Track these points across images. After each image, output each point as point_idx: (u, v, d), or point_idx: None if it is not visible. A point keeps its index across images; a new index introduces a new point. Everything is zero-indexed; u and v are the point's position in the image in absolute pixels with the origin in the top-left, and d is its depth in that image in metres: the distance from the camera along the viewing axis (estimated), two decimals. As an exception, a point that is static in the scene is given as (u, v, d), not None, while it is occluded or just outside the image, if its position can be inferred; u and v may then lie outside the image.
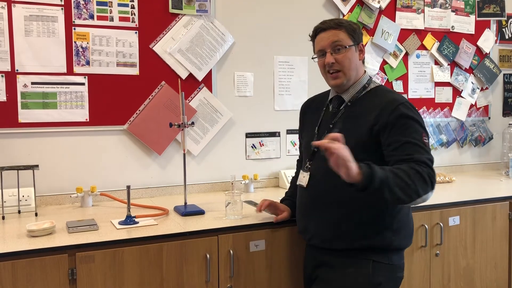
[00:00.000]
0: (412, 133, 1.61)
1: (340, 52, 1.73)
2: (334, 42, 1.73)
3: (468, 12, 3.43)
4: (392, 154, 1.61)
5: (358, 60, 1.77)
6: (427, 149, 1.61)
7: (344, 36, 1.73)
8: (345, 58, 1.73)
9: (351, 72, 1.75)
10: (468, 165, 3.50)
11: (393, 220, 1.69)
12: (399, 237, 1.71)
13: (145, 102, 2.52)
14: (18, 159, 2.28)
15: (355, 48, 1.75)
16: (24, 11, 2.27)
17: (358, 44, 1.76)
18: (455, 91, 3.43)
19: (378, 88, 1.79)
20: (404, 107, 1.65)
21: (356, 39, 1.76)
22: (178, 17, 2.59)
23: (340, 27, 1.74)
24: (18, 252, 1.61)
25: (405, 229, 1.75)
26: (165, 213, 2.11)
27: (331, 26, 1.75)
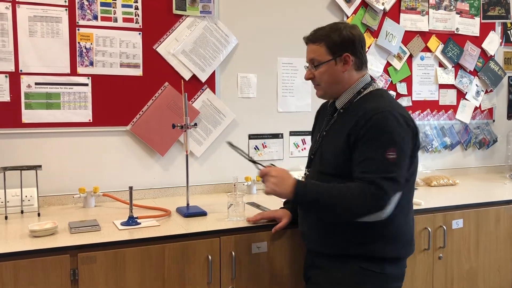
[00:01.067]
0: (375, 148, 1.55)
1: (317, 68, 1.73)
2: (311, 59, 1.75)
3: (473, 14, 3.42)
4: (353, 169, 1.60)
5: (339, 73, 1.71)
6: (387, 166, 1.54)
7: (322, 51, 1.71)
8: (320, 74, 1.73)
9: (330, 87, 1.74)
10: (472, 168, 3.48)
11: (384, 229, 1.63)
12: (393, 247, 1.66)
13: (148, 103, 2.53)
14: (22, 159, 2.29)
15: (334, 62, 1.70)
16: (29, 12, 2.28)
17: (340, 56, 1.69)
18: (459, 94, 3.42)
19: (371, 93, 1.72)
20: (380, 118, 1.58)
21: (337, 52, 1.69)
22: (181, 18, 2.59)
23: (319, 41, 1.71)
24: (20, 252, 1.62)
25: (400, 238, 1.68)
26: (167, 214, 2.11)
27: (310, 40, 1.75)
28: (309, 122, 2.87)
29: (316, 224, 1.74)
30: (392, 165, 1.54)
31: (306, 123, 2.91)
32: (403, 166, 1.58)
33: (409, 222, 1.74)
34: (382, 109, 1.60)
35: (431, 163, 3.31)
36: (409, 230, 1.74)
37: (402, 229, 1.69)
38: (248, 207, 2.22)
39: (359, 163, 1.58)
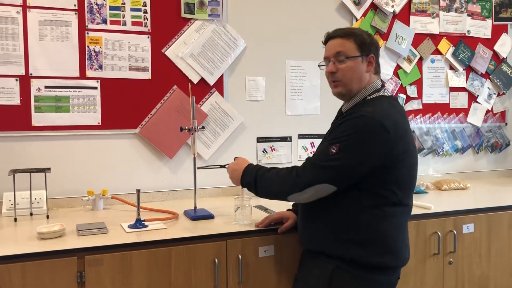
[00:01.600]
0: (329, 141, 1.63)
1: (342, 62, 1.71)
2: (338, 52, 1.71)
3: (485, 16, 3.38)
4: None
5: (363, 71, 1.72)
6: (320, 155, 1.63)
7: (351, 46, 1.70)
8: (346, 69, 1.71)
9: (352, 84, 1.72)
10: (484, 171, 3.43)
11: (371, 238, 1.62)
12: (370, 253, 1.62)
13: (157, 106, 2.53)
14: (31, 162, 2.31)
15: (361, 59, 1.71)
16: (39, 16, 2.31)
17: (367, 55, 1.72)
18: (470, 97, 3.38)
19: (371, 99, 1.70)
20: (350, 119, 1.61)
21: (365, 50, 1.71)
22: (190, 21, 2.60)
23: (349, 36, 1.71)
24: (28, 254, 1.62)
25: (388, 249, 1.64)
26: (175, 217, 2.11)
27: (339, 35, 1.73)
28: (318, 125, 2.89)
29: (302, 221, 1.79)
30: (327, 156, 1.60)
31: (315, 126, 2.90)
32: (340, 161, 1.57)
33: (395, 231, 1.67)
34: (360, 114, 1.61)
35: (442, 166, 3.27)
36: (396, 238, 1.67)
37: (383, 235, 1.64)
38: (255, 210, 2.21)
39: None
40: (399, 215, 1.69)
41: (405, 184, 1.68)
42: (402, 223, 1.72)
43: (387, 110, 1.65)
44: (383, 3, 3.02)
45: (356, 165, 1.58)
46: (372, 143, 1.57)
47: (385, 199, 1.62)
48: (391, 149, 1.59)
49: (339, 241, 1.65)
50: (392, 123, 1.59)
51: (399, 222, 1.70)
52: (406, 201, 1.70)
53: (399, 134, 1.61)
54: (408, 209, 1.73)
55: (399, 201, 1.66)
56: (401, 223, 1.71)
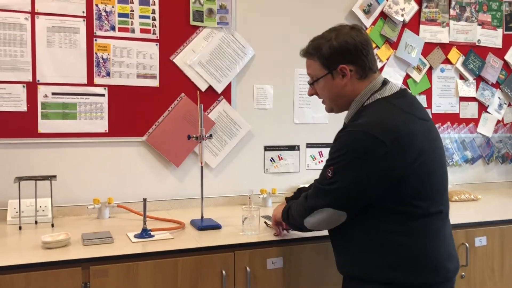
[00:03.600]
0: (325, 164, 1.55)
1: (315, 85, 1.66)
2: (308, 74, 1.68)
3: (495, 26, 3.34)
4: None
5: (339, 86, 1.58)
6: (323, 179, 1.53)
7: (316, 66, 1.62)
8: (320, 90, 1.65)
9: (335, 101, 1.64)
10: (495, 182, 3.38)
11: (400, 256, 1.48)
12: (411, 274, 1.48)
13: (164, 114, 2.51)
14: (37, 169, 2.29)
15: (331, 76, 1.59)
16: (47, 23, 2.30)
17: (335, 68, 1.56)
18: (481, 106, 3.34)
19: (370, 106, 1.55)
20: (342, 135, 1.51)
21: (331, 64, 1.57)
22: (199, 29, 2.58)
23: (311, 55, 1.63)
24: (31, 264, 1.59)
25: (421, 266, 1.49)
26: (181, 226, 2.08)
27: (304, 55, 1.68)
28: (326, 134, 2.85)
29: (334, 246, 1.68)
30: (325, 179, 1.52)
31: (324, 135, 2.87)
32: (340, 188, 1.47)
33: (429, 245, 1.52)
34: (349, 129, 1.49)
35: (452, 177, 3.16)
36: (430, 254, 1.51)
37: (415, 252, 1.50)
38: (262, 220, 2.17)
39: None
40: (430, 226, 1.51)
41: (427, 192, 1.49)
42: (437, 233, 1.53)
43: (385, 116, 1.47)
44: (393, 12, 2.99)
45: (354, 187, 1.45)
46: (366, 160, 1.42)
47: (407, 214, 1.47)
48: (393, 161, 1.42)
49: (361, 262, 1.53)
50: (390, 132, 1.42)
51: (433, 233, 1.52)
52: (436, 209, 1.51)
53: (401, 143, 1.42)
54: (442, 216, 1.54)
55: (426, 211, 1.48)
56: (435, 234, 1.52)
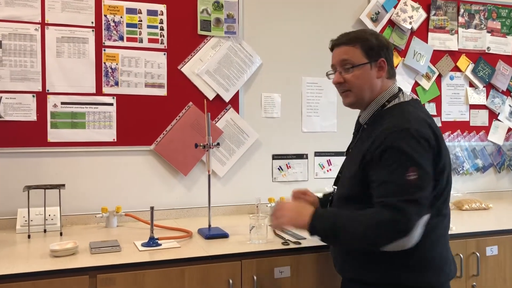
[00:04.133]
0: (393, 170, 1.42)
1: (349, 72, 1.60)
2: (343, 60, 1.61)
3: (505, 33, 3.32)
4: (372, 194, 1.46)
5: (373, 78, 1.60)
6: (407, 188, 1.40)
7: (357, 53, 1.59)
8: (353, 78, 1.59)
9: (362, 93, 1.61)
10: (506, 191, 3.33)
11: (408, 256, 1.47)
12: (418, 275, 1.50)
13: (172, 123, 2.52)
14: (46, 178, 2.30)
15: (370, 66, 1.59)
16: (57, 33, 2.33)
17: (376, 61, 1.60)
18: (491, 114, 3.30)
19: (393, 108, 1.59)
20: (396, 136, 1.44)
21: (374, 55, 1.59)
22: (206, 38, 2.60)
23: (354, 42, 1.60)
24: (39, 272, 1.60)
25: (428, 266, 1.51)
26: (189, 235, 2.07)
27: (343, 42, 1.62)
28: (335, 142, 2.84)
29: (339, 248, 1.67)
30: (413, 187, 1.40)
31: (332, 143, 2.86)
32: (427, 186, 1.43)
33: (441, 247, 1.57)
34: (399, 127, 1.46)
35: (462, 186, 3.18)
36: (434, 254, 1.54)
37: (434, 254, 1.53)
38: (271, 230, 2.16)
39: (377, 187, 1.45)
40: (440, 227, 1.55)
41: (444, 194, 1.54)
42: (444, 233, 1.58)
43: (418, 117, 1.52)
44: (401, 20, 2.99)
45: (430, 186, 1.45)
46: (428, 157, 1.45)
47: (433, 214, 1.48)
48: (436, 157, 1.48)
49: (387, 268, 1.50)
50: (431, 132, 1.48)
51: (442, 234, 1.56)
52: (444, 211, 1.56)
53: (438, 143, 1.49)
54: (446, 220, 1.58)
55: (440, 212, 1.53)
56: (444, 234, 1.57)
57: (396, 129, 1.46)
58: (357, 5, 2.94)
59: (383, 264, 1.50)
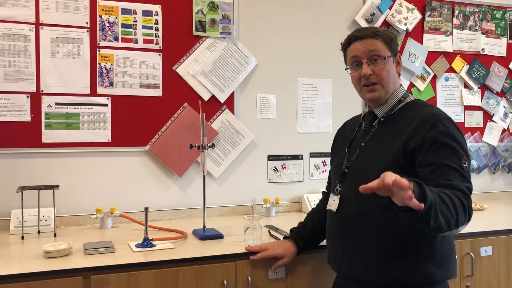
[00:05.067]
0: (451, 155, 1.44)
1: (378, 63, 1.59)
2: (371, 51, 1.59)
3: (499, 35, 3.34)
4: (428, 177, 1.43)
5: (395, 72, 1.64)
6: (466, 176, 1.44)
7: (382, 45, 1.60)
8: (383, 70, 1.59)
9: (389, 85, 1.61)
10: (501, 192, 3.34)
11: (434, 250, 1.50)
12: (441, 270, 1.52)
13: (167, 124, 2.52)
14: (40, 179, 2.30)
15: (392, 60, 1.62)
16: (51, 33, 2.32)
17: (395, 55, 1.64)
18: (486, 115, 3.32)
19: (415, 102, 1.65)
20: (444, 124, 1.49)
21: (394, 49, 1.63)
22: (201, 39, 2.59)
23: (377, 36, 1.60)
24: (32, 273, 1.59)
25: (449, 260, 1.54)
26: (183, 236, 2.07)
27: (368, 35, 1.61)
28: (330, 143, 2.82)
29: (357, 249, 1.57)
30: (469, 175, 1.46)
31: (327, 144, 2.82)
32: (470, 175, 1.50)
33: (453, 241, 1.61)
34: (443, 115, 1.52)
35: (457, 186, 3.19)
36: (455, 249, 1.61)
37: (451, 248, 1.57)
38: (266, 230, 2.16)
39: (436, 169, 1.43)
40: None
41: None
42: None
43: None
44: (396, 21, 3.00)
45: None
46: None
47: None
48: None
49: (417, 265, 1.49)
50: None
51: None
52: None
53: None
54: None
55: None
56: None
57: (442, 117, 1.50)
58: (352, 6, 2.95)
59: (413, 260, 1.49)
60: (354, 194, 1.40)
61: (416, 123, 1.51)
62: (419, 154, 1.47)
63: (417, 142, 1.48)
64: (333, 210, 1.65)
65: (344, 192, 1.64)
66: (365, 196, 1.25)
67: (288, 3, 2.80)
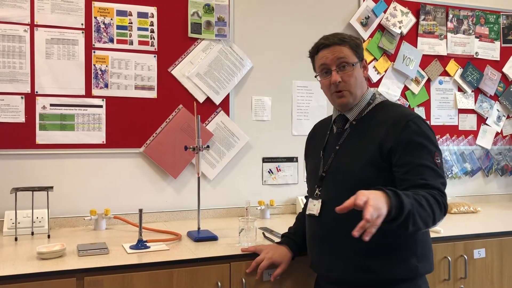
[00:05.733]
0: (425, 154, 1.50)
1: (346, 70, 1.62)
2: (339, 58, 1.61)
3: (493, 39, 3.36)
4: (404, 177, 1.49)
5: (362, 77, 1.67)
6: (440, 172, 1.50)
7: (349, 52, 1.63)
8: (351, 77, 1.62)
9: (357, 91, 1.65)
10: (494, 195, 3.36)
11: (416, 245, 1.56)
12: (423, 263, 1.58)
13: (162, 125, 2.52)
14: (34, 180, 2.29)
15: (359, 65, 1.66)
16: (46, 35, 2.32)
17: (361, 60, 1.67)
18: (479, 119, 3.34)
19: (384, 103, 1.69)
20: (416, 123, 1.54)
21: (360, 55, 1.66)
22: (197, 41, 2.60)
23: (344, 43, 1.63)
24: (26, 274, 1.58)
25: (428, 254, 1.61)
26: (178, 238, 2.07)
27: (335, 42, 1.63)
28: (325, 146, 2.85)
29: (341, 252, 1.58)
30: (442, 170, 1.51)
31: (322, 147, 2.86)
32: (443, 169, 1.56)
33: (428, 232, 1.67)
34: (413, 115, 1.57)
35: (451, 189, 3.20)
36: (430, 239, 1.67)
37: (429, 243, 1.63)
38: (260, 232, 2.16)
39: (413, 169, 1.48)
40: None
41: None
42: None
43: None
44: (390, 24, 3.01)
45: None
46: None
47: None
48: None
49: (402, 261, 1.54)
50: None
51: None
52: None
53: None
54: None
55: None
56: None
57: (412, 116, 1.55)
58: (347, 10, 2.96)
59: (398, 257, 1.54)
60: (334, 197, 1.51)
61: (389, 124, 1.55)
62: (395, 155, 1.51)
63: (392, 143, 1.52)
64: (315, 214, 1.65)
65: (325, 196, 1.66)
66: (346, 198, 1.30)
67: (283, 7, 2.81)
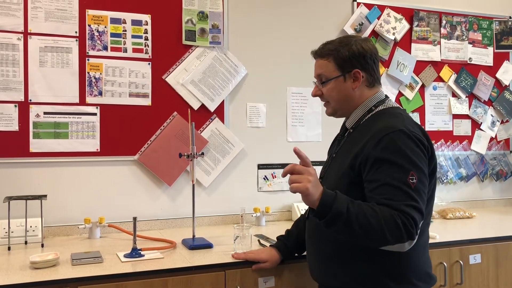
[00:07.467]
0: (394, 172, 1.39)
1: (326, 85, 1.63)
2: (318, 74, 1.66)
3: (486, 44, 3.38)
4: (370, 195, 1.43)
5: (349, 90, 1.61)
6: (410, 193, 1.38)
7: (330, 66, 1.61)
8: (329, 91, 1.63)
9: (339, 104, 1.64)
10: (489, 200, 3.37)
11: (393, 264, 1.48)
12: (402, 285, 1.50)
13: (157, 133, 2.51)
14: (28, 189, 2.27)
15: (343, 78, 1.61)
16: (40, 43, 2.31)
17: (350, 72, 1.60)
18: (474, 124, 3.35)
19: (383, 111, 1.60)
20: (392, 139, 1.43)
21: (346, 67, 1.60)
22: (191, 48, 2.60)
23: (327, 56, 1.62)
24: (19, 284, 1.57)
25: (414, 274, 1.52)
26: (172, 246, 2.06)
27: (319, 55, 1.66)
28: (320, 152, 2.84)
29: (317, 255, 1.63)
30: (415, 191, 1.39)
31: (317, 153, 2.85)
32: (424, 190, 1.43)
33: (427, 251, 1.60)
34: (395, 128, 1.45)
35: (446, 195, 3.21)
36: (427, 261, 1.60)
37: (419, 261, 1.54)
38: (255, 239, 2.15)
39: (378, 187, 1.40)
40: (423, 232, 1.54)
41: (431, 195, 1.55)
42: (426, 239, 1.60)
43: (409, 118, 1.55)
44: (384, 30, 3.03)
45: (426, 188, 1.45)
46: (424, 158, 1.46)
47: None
48: (431, 162, 1.51)
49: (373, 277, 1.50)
50: (423, 134, 1.51)
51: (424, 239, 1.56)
52: (430, 215, 1.59)
53: (430, 146, 1.52)
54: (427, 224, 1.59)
55: (426, 221, 1.54)
56: (425, 240, 1.59)
57: (392, 130, 1.45)
58: (341, 16, 2.97)
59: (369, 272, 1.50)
60: None
61: (369, 137, 1.49)
62: (364, 170, 1.47)
63: (364, 158, 1.47)
64: (305, 217, 1.68)
65: None
66: None
67: (277, 13, 2.82)
